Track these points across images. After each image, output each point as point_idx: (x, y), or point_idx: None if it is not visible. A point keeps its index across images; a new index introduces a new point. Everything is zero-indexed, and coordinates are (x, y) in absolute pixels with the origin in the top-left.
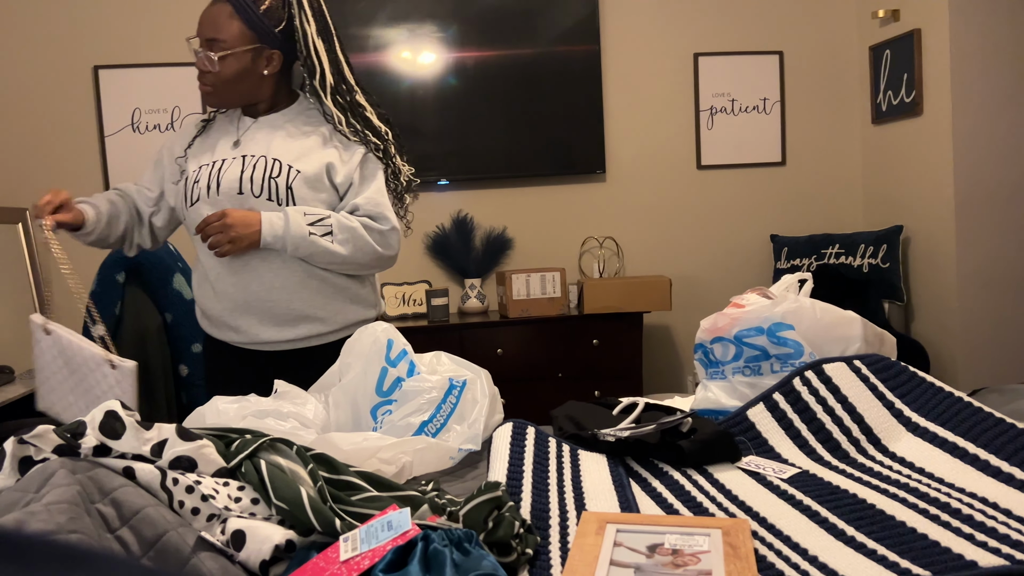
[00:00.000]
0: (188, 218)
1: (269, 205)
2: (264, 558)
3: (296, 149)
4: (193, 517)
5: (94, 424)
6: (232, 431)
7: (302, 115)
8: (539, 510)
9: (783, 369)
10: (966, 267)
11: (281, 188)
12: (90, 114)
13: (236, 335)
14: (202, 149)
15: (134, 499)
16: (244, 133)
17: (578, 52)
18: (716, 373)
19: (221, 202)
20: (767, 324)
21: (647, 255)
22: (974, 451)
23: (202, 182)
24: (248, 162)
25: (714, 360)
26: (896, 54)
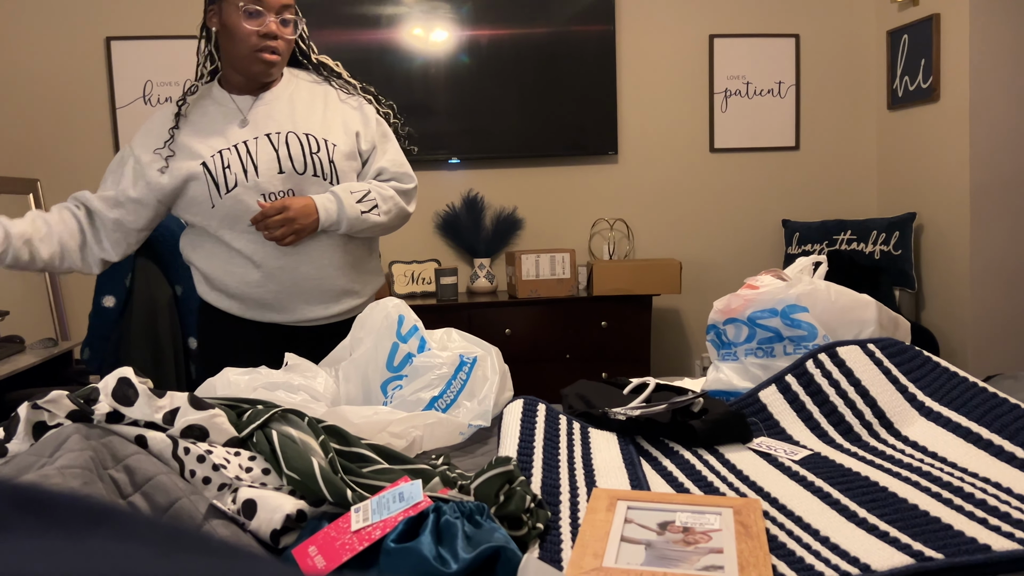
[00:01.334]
0: (221, 207)
1: (316, 181)
2: (275, 527)
3: (319, 121)
4: (204, 487)
5: (107, 390)
6: (244, 402)
7: (297, 86)
8: (549, 486)
9: (796, 351)
10: (979, 256)
11: (325, 164)
12: (102, 86)
13: (279, 315)
14: (204, 135)
15: (147, 466)
16: (250, 112)
17: (592, 32)
18: (728, 355)
19: (262, 184)
20: (781, 306)
21: (658, 238)
22: (988, 436)
23: (234, 167)
24: (277, 140)
25: (727, 341)
26: (914, 39)
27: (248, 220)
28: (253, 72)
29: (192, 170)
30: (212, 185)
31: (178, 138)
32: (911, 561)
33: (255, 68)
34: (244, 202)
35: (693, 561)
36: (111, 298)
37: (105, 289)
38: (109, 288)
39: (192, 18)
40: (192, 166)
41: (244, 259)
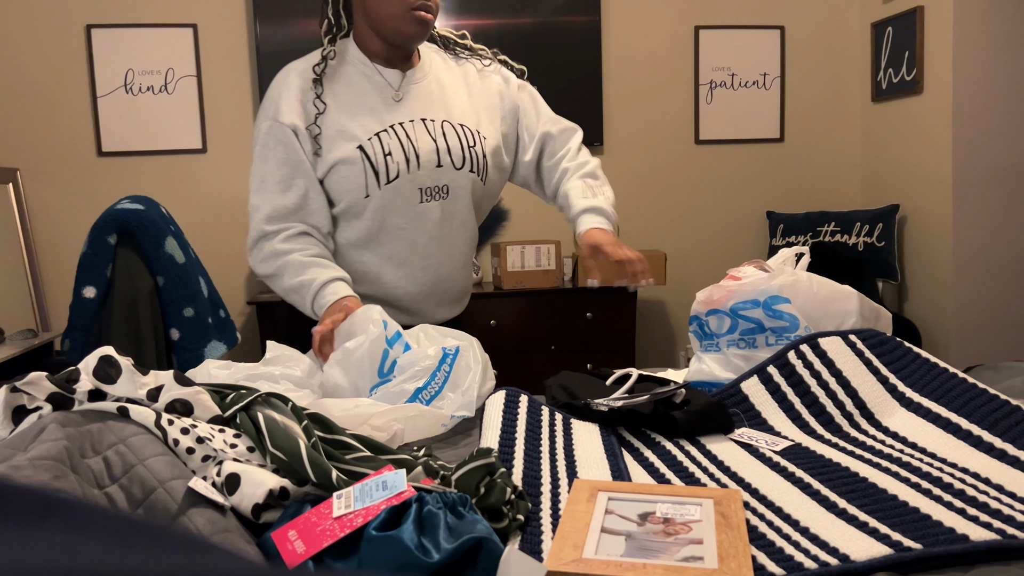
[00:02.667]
0: (376, 198)
1: (471, 178)
2: (257, 501)
3: (468, 108)
4: (188, 456)
5: (88, 370)
6: (226, 386)
7: (435, 65)
8: (531, 477)
9: (778, 342)
10: (961, 248)
11: (480, 159)
12: (82, 74)
13: (408, 318)
14: (352, 110)
15: (126, 457)
16: (401, 88)
17: (578, 23)
18: (711, 345)
19: (421, 177)
20: (763, 297)
21: (643, 229)
22: (967, 427)
23: (396, 154)
24: (434, 128)
25: (709, 332)
26: (898, 31)
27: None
28: (406, 34)
29: (346, 153)
30: (371, 173)
31: (328, 106)
32: (890, 551)
33: (409, 29)
34: (404, 195)
35: (673, 552)
36: (91, 289)
37: (85, 280)
38: (90, 279)
39: (175, 5)
40: (346, 148)
41: (392, 260)
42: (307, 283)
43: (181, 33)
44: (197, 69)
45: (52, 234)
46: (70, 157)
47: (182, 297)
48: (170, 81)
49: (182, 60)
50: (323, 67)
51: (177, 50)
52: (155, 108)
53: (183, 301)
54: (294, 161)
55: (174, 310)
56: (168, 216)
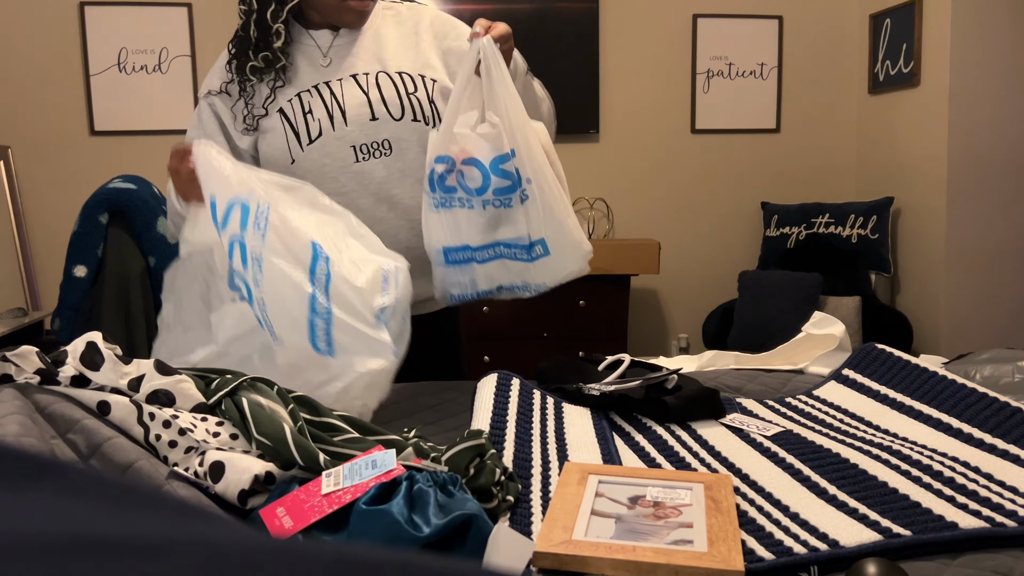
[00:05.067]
0: (304, 162)
1: (415, 127)
2: (243, 487)
3: (412, 55)
4: (170, 450)
5: (75, 354)
6: (211, 371)
7: (384, 18)
8: (521, 460)
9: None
10: (955, 241)
11: (424, 104)
12: (75, 53)
13: None
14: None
15: (103, 429)
16: (330, 49)
17: (575, 9)
18: (461, 200)
19: (351, 133)
20: (507, 149)
21: (637, 218)
22: (958, 425)
23: (317, 111)
24: (366, 81)
25: (463, 185)
26: (896, 23)
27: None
28: (341, 23)
29: (268, 122)
30: (291, 135)
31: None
32: (879, 537)
33: (344, 19)
34: (334, 156)
35: (663, 535)
36: (82, 268)
37: (76, 259)
38: (80, 258)
39: None
40: (269, 118)
41: None
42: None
43: (176, 12)
44: (191, 48)
45: (43, 213)
46: (62, 136)
47: None
48: (164, 60)
49: (176, 39)
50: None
51: (171, 29)
52: (148, 87)
53: None
54: (208, 133)
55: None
56: (160, 196)
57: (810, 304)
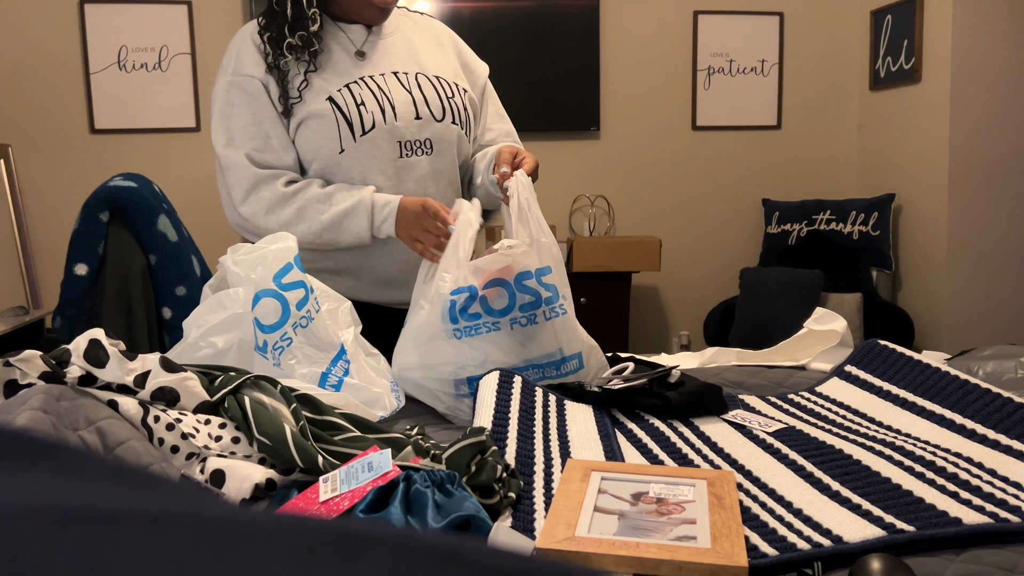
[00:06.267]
0: (353, 152)
1: (455, 130)
2: (244, 496)
3: (443, 63)
4: (172, 455)
5: (79, 352)
6: (215, 368)
7: (403, 23)
8: (524, 457)
9: (554, 316)
10: (956, 238)
11: (461, 111)
12: (75, 50)
13: (401, 293)
14: (317, 65)
15: (119, 431)
16: (365, 44)
17: (576, 6)
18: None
19: (399, 129)
20: (534, 267)
21: (638, 215)
22: (961, 421)
23: (370, 104)
24: (408, 80)
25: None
26: (897, 19)
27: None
28: (363, 18)
29: (316, 106)
30: (344, 124)
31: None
32: (882, 533)
33: (366, 14)
34: (382, 150)
35: (666, 532)
36: (83, 266)
37: (77, 257)
38: (81, 256)
39: None
40: (315, 101)
41: None
42: (355, 204)
43: (176, 10)
44: (191, 47)
45: (44, 211)
46: (62, 134)
47: (174, 276)
48: (164, 58)
49: (176, 37)
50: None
51: (171, 27)
52: (149, 85)
53: (175, 280)
54: (265, 115)
55: (166, 289)
56: (161, 194)
57: (811, 301)
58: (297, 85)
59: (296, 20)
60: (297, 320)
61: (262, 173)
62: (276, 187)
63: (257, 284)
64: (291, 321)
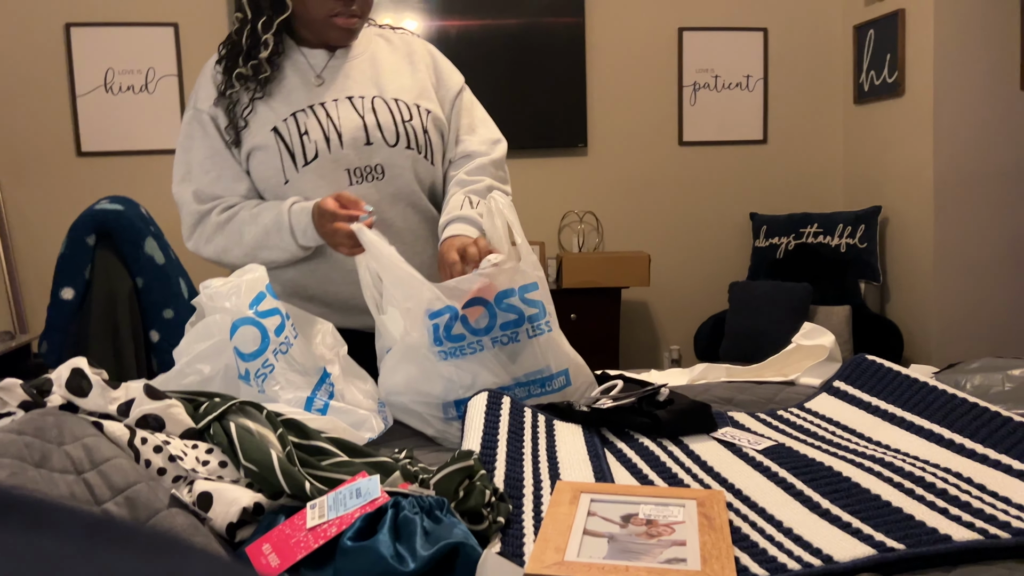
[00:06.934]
0: (297, 183)
1: (409, 154)
2: (231, 520)
3: (409, 83)
4: (159, 477)
5: (60, 381)
6: (200, 394)
7: (379, 45)
8: (513, 479)
9: (537, 334)
10: (943, 249)
11: (419, 134)
12: (61, 73)
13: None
14: (270, 94)
15: (105, 448)
16: (325, 70)
17: (562, 24)
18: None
19: (347, 156)
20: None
21: (627, 230)
22: (949, 436)
23: (314, 133)
24: (362, 105)
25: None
26: (880, 34)
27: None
28: (328, 39)
29: (260, 138)
30: (287, 155)
31: (236, 93)
32: (873, 552)
33: (331, 35)
34: (328, 178)
35: (656, 554)
36: (69, 290)
37: (63, 281)
38: (68, 280)
39: (156, 4)
40: (260, 133)
41: (323, 255)
42: (275, 218)
43: (162, 32)
44: (178, 68)
45: (30, 235)
46: (48, 157)
47: (162, 298)
48: (151, 80)
49: (163, 59)
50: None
51: (158, 49)
52: (135, 107)
53: (163, 302)
54: (216, 148)
55: (154, 311)
56: (148, 216)
57: (800, 314)
58: (243, 113)
59: (251, 48)
60: (277, 346)
61: (203, 208)
62: (211, 218)
63: (233, 313)
64: (271, 347)
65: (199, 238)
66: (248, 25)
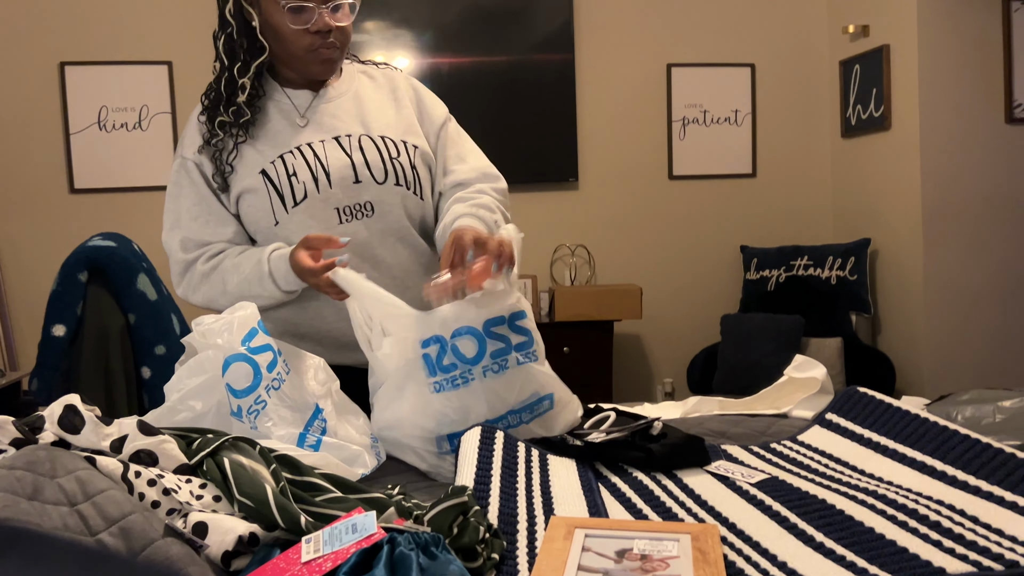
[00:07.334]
0: (287, 224)
1: (398, 191)
2: (227, 548)
3: (394, 120)
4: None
5: (53, 419)
6: (193, 431)
7: (361, 82)
8: (507, 515)
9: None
10: (932, 280)
11: (407, 169)
12: (55, 111)
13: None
14: (255, 137)
15: (98, 481)
16: (309, 110)
17: (552, 61)
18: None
19: (335, 195)
20: (508, 312)
21: (618, 264)
22: (942, 468)
23: (302, 174)
24: (349, 144)
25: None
26: (865, 69)
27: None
28: (311, 72)
29: (248, 182)
30: (276, 197)
31: (222, 139)
32: None
33: (312, 69)
34: (318, 218)
35: None
36: (61, 327)
37: (55, 318)
38: (59, 317)
39: (151, 43)
40: (248, 177)
41: (315, 294)
42: (256, 267)
43: (156, 70)
44: (172, 106)
45: (22, 271)
46: (41, 193)
47: (153, 335)
48: (144, 118)
49: (157, 97)
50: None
51: (152, 87)
52: (128, 144)
53: (155, 339)
54: (202, 194)
55: (145, 348)
56: (140, 253)
57: (793, 346)
58: (228, 159)
59: (231, 95)
60: (269, 382)
61: (188, 257)
62: (197, 268)
63: (225, 350)
64: (263, 384)
65: (187, 287)
66: (226, 72)
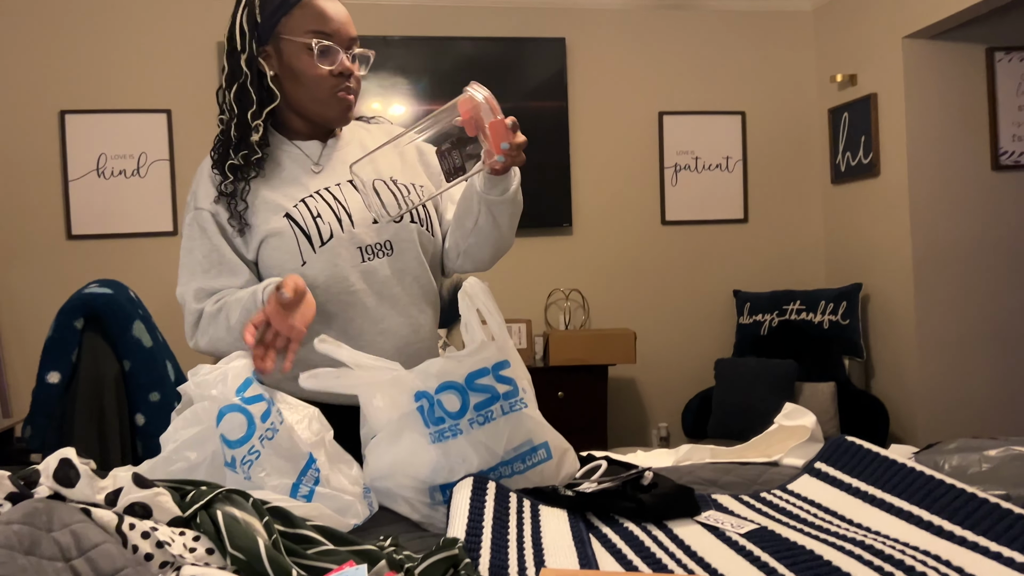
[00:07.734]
0: (314, 264)
1: (414, 228)
2: None
3: (399, 165)
4: (146, 563)
5: (48, 472)
6: (187, 482)
7: (363, 132)
8: (498, 567)
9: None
10: (924, 324)
11: (419, 208)
12: (55, 158)
13: None
14: (272, 184)
15: (93, 534)
16: (321, 157)
17: (546, 108)
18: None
19: (359, 235)
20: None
21: (612, 308)
22: (928, 518)
23: (326, 215)
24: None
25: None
26: (854, 116)
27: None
28: (329, 117)
29: (273, 225)
30: (303, 238)
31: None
32: None
33: (331, 113)
34: (343, 257)
35: None
36: (56, 374)
37: (50, 364)
38: (54, 364)
39: (150, 92)
40: (272, 220)
41: (337, 332)
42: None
43: (155, 118)
44: (170, 153)
45: (18, 318)
46: (39, 240)
47: (148, 382)
48: (142, 165)
49: (155, 144)
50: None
51: (151, 134)
52: (127, 191)
53: (150, 385)
54: (215, 243)
55: (140, 395)
56: (136, 300)
57: (787, 391)
58: (243, 194)
59: (240, 140)
60: (263, 432)
61: (199, 307)
62: (206, 310)
63: (220, 401)
64: (257, 434)
65: (200, 335)
66: (235, 119)
